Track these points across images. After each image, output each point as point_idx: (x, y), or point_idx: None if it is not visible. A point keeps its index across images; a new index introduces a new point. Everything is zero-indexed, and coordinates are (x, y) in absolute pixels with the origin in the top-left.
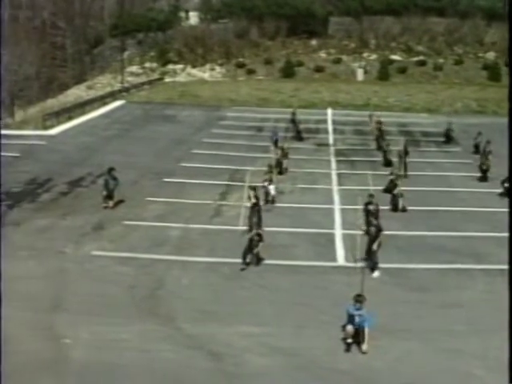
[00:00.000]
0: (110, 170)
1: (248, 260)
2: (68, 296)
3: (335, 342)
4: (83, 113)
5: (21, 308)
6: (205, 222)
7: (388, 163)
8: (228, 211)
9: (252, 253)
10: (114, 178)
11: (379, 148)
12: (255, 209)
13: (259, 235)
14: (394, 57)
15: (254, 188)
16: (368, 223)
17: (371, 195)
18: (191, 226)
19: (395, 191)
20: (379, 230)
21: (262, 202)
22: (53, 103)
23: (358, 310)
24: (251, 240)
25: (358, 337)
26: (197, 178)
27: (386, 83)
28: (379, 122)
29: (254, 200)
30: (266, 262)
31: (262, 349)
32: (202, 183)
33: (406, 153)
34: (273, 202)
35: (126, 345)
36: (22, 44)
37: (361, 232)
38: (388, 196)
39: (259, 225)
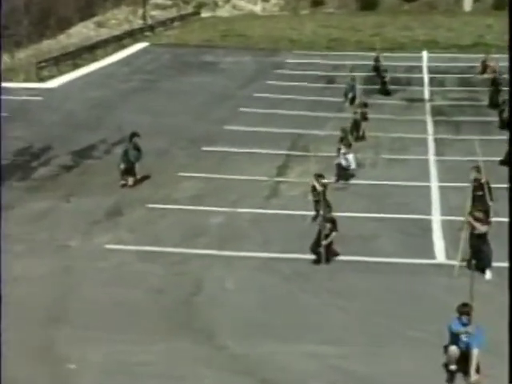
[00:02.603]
0: (133, 135)
1: (317, 256)
2: (74, 304)
3: (432, 369)
4: (93, 59)
5: (13, 320)
6: (257, 205)
7: (505, 125)
8: (288, 190)
9: (321, 246)
10: (137, 148)
11: (494, 105)
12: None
13: (332, 222)
14: None
15: (319, 176)
16: (474, 206)
17: (477, 168)
18: (238, 210)
19: None
20: (487, 215)
21: (332, 179)
22: (50, 46)
23: (464, 325)
24: (321, 229)
25: (464, 362)
26: (246, 145)
27: (503, 13)
28: (494, 70)
29: (315, 197)
30: (340, 257)
31: (332, 375)
32: (254, 153)
33: None
34: (347, 177)
35: (151, 370)
36: None
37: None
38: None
39: (329, 209)
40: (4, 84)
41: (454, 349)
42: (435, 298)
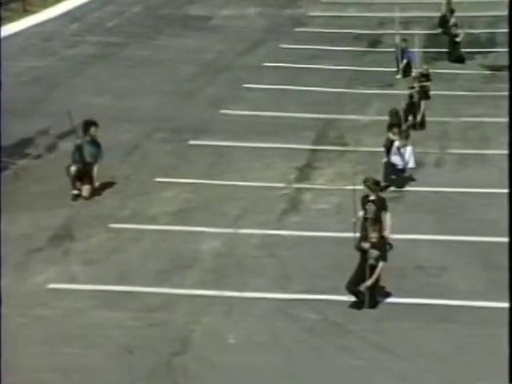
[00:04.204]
0: (89, 125)
1: (358, 297)
2: (3, 372)
3: None
4: (25, 10)
5: None
6: (269, 224)
7: None
8: (313, 202)
9: (363, 283)
10: (95, 143)
11: None
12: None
13: (379, 248)
14: None
15: (376, 184)
16: None
17: None
18: (242, 230)
19: None
20: None
21: (380, 185)
22: None
23: None
24: (365, 258)
25: None
26: (253, 138)
27: None
28: None
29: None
30: (393, 299)
31: None
32: (264, 148)
33: None
34: (402, 182)
35: None
36: None
37: None
38: None
39: (380, 231)
40: None
41: None
42: None
